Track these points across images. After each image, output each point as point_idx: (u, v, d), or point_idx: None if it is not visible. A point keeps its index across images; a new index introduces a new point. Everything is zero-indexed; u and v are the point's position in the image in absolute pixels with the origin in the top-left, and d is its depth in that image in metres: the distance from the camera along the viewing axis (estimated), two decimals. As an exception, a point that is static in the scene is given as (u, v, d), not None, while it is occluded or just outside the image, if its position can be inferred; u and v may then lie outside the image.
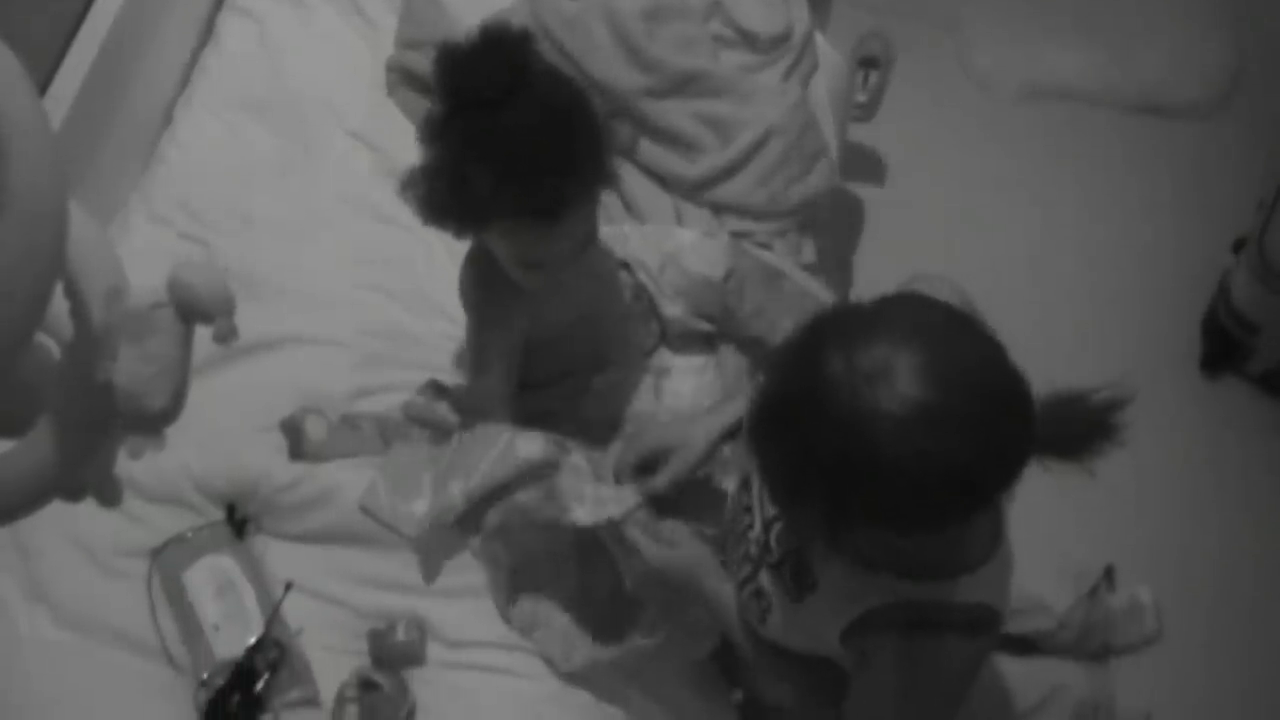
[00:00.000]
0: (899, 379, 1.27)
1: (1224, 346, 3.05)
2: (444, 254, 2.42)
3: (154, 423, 1.33)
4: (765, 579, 1.74)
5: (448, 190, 1.79)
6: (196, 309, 1.33)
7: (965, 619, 1.57)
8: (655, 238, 2.37)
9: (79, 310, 1.30)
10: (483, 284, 2.01)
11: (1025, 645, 2.64)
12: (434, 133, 1.79)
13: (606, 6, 2.60)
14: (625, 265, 2.30)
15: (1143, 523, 2.91)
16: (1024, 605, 2.63)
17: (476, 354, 2.10)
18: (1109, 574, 2.72)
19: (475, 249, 2.02)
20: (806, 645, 1.75)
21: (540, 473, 2.03)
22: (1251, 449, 3.02)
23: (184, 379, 1.34)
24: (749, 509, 1.80)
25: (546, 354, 2.14)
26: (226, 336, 1.37)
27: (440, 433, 2.25)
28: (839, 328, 1.36)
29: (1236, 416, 3.06)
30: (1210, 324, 3.07)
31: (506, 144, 1.74)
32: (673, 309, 2.29)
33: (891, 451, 1.28)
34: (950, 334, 1.35)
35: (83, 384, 1.29)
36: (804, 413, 1.33)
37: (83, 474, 1.37)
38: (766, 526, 1.75)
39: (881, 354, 1.29)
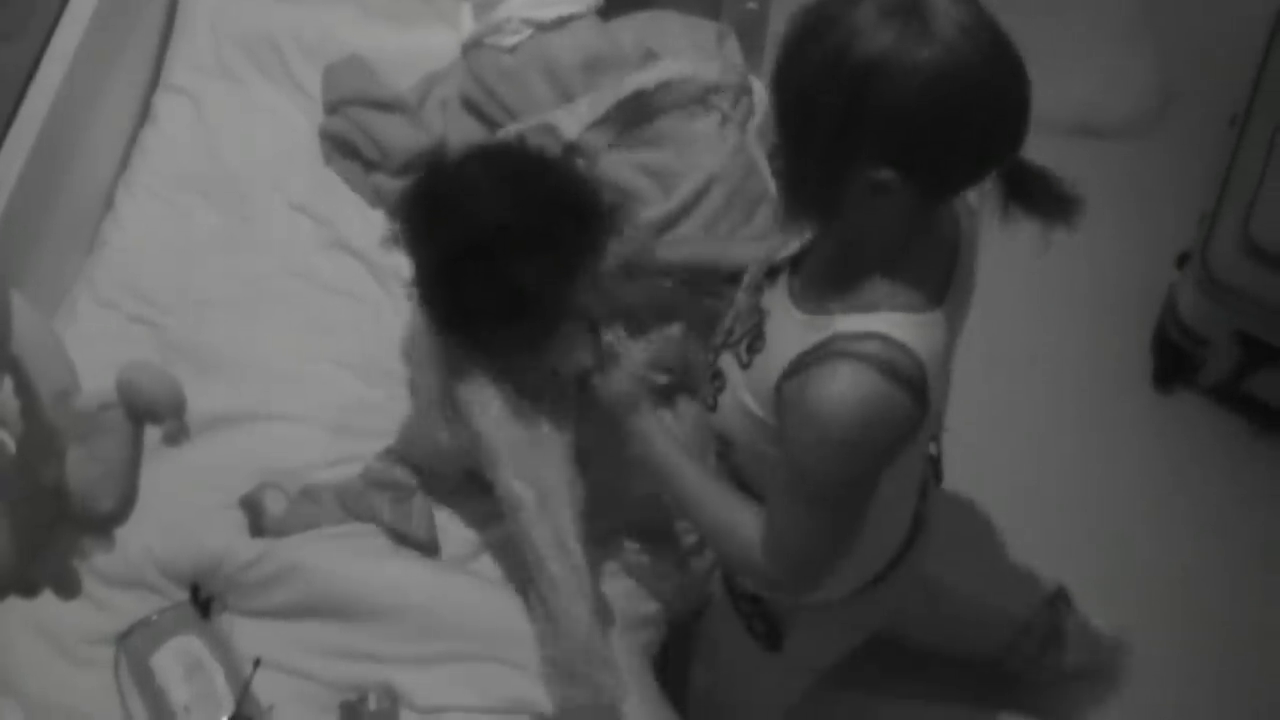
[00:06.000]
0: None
1: (1175, 361, 3.08)
2: (392, 320, 2.42)
3: (102, 524, 1.32)
4: (724, 360, 1.75)
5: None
6: (145, 410, 1.32)
7: (883, 354, 1.49)
8: None
9: (29, 410, 1.29)
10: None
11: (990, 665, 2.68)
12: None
13: (545, 59, 2.61)
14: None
15: (1102, 538, 2.93)
16: (985, 617, 2.65)
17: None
18: (1062, 594, 2.70)
19: None
20: (745, 428, 1.71)
21: None
22: (1208, 460, 3.04)
23: (133, 481, 1.33)
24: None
25: None
26: (176, 437, 1.37)
27: (401, 495, 2.25)
28: None
29: (1192, 429, 3.09)
30: (1160, 339, 3.10)
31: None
32: None
33: (931, 62, 1.34)
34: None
35: (31, 484, 1.28)
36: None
37: (34, 569, 1.36)
38: (736, 319, 1.78)
39: None
